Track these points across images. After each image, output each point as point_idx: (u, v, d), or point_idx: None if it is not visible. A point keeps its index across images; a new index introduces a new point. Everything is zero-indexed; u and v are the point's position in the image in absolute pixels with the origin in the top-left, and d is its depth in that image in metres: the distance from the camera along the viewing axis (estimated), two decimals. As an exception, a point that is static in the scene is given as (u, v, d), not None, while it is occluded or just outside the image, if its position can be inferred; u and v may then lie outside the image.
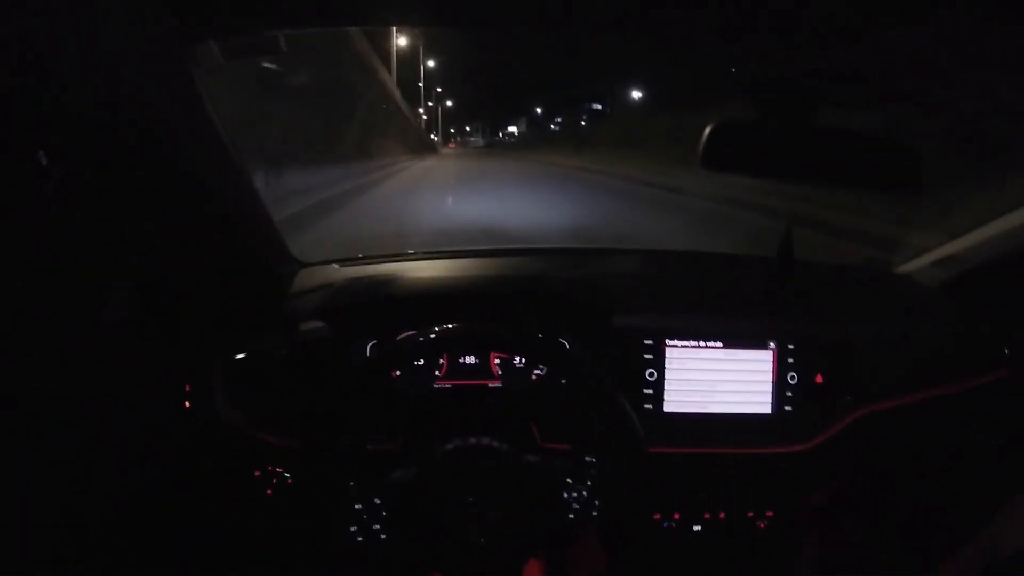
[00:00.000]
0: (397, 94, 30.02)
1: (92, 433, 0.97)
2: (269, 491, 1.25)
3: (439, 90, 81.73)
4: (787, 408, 1.29)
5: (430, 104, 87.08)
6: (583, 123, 57.92)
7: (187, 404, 1.21)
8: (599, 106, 60.77)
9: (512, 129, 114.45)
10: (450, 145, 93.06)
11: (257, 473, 1.25)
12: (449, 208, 10.47)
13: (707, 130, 0.92)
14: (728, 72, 1.03)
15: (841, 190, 1.04)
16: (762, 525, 1.32)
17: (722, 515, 1.30)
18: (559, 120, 78.64)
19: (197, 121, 0.94)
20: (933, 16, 0.66)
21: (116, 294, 1.08)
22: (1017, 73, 0.85)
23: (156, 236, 1.09)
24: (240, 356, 1.24)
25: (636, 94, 34.07)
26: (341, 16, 0.95)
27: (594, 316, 1.31)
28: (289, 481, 1.24)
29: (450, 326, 1.04)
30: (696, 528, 1.31)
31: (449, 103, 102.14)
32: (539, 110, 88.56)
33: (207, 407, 1.21)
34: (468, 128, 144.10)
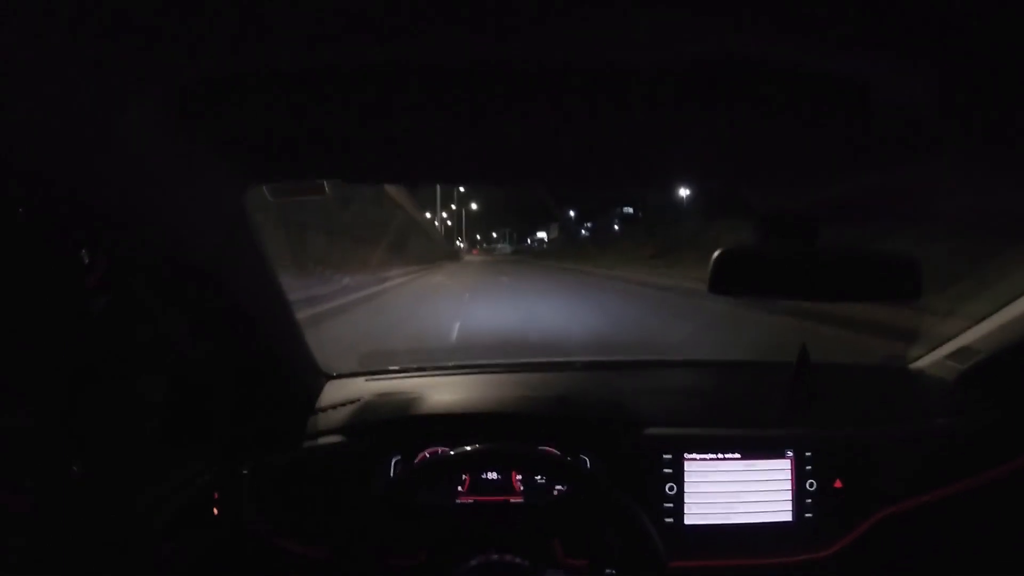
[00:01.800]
0: (410, 206, 30.96)
1: (119, 536, 1.02)
2: None
3: (461, 190, 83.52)
4: (807, 515, 1.34)
5: (453, 207, 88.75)
6: (616, 227, 58.90)
7: (215, 511, 1.29)
8: (631, 210, 62.07)
9: (541, 235, 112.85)
10: (473, 252, 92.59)
11: None
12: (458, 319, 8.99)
13: (713, 257, 0.99)
14: (735, 198, 1.15)
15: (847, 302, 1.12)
16: None
17: None
18: (589, 225, 79.58)
19: (246, 249, 1.07)
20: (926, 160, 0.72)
21: (152, 395, 1.18)
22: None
23: (194, 344, 1.19)
24: (268, 466, 1.33)
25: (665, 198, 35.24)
26: (375, 175, 1.10)
27: (614, 432, 1.40)
28: None
29: (471, 447, 1.14)
30: None
31: (475, 206, 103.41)
32: (572, 214, 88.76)
33: (234, 514, 1.29)
34: (495, 234, 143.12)
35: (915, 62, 0.53)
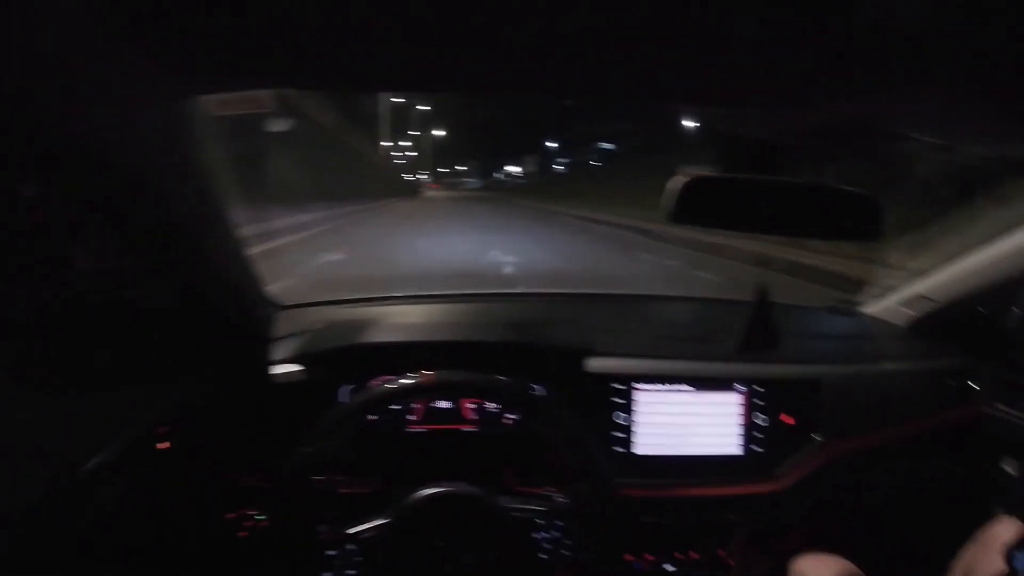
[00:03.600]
0: (345, 130, 26.51)
1: (65, 472, 1.02)
2: (243, 533, 1.35)
3: (422, 108, 76.44)
4: (757, 449, 1.44)
5: (415, 134, 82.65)
6: (593, 163, 58.29)
7: (162, 446, 1.29)
8: (610, 145, 61.56)
9: (513, 169, 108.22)
10: (431, 187, 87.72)
11: (231, 515, 1.35)
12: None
13: (674, 185, 1.00)
14: (701, 127, 1.17)
15: (808, 239, 1.15)
16: (733, 564, 1.43)
17: (694, 554, 1.42)
18: (564, 161, 78.17)
19: (185, 166, 1.04)
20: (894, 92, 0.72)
21: (96, 331, 1.17)
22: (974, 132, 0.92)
23: (135, 276, 1.20)
24: (215, 398, 1.35)
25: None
26: (327, 81, 1.02)
27: (565, 361, 1.45)
28: (263, 524, 1.35)
29: (424, 373, 1.19)
30: (668, 568, 1.42)
31: (439, 133, 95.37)
32: (554, 144, 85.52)
33: (181, 448, 1.30)
34: (462, 167, 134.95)
35: None
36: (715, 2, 0.58)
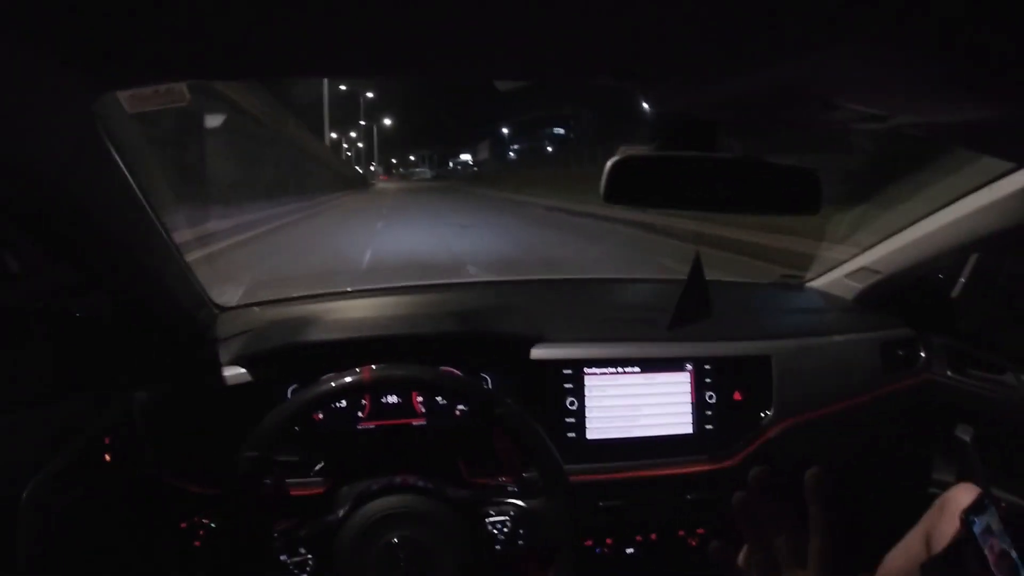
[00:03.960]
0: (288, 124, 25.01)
1: (8, 486, 1.00)
2: (198, 543, 1.33)
3: (368, 96, 74.04)
4: (708, 427, 1.47)
5: (363, 124, 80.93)
6: (549, 149, 58.31)
7: (107, 457, 1.27)
8: (562, 131, 61.75)
9: (465, 157, 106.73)
10: (381, 178, 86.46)
11: (184, 524, 1.33)
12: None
13: (608, 164, 0.99)
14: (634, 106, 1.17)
15: (745, 216, 1.16)
16: (693, 543, 1.47)
17: (653, 536, 1.45)
18: (516, 147, 77.90)
19: (103, 170, 1.01)
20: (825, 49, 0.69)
21: (34, 341, 1.15)
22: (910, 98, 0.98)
23: (71, 285, 1.17)
24: (159, 405, 1.33)
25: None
26: (248, 69, 0.97)
27: (513, 349, 1.46)
28: (216, 531, 1.33)
29: (369, 368, 1.18)
30: (629, 551, 1.45)
31: (388, 121, 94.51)
32: (505, 131, 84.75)
33: (127, 459, 1.28)
34: (413, 157, 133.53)
35: None
36: None
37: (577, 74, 1.04)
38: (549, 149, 57.31)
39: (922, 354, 1.58)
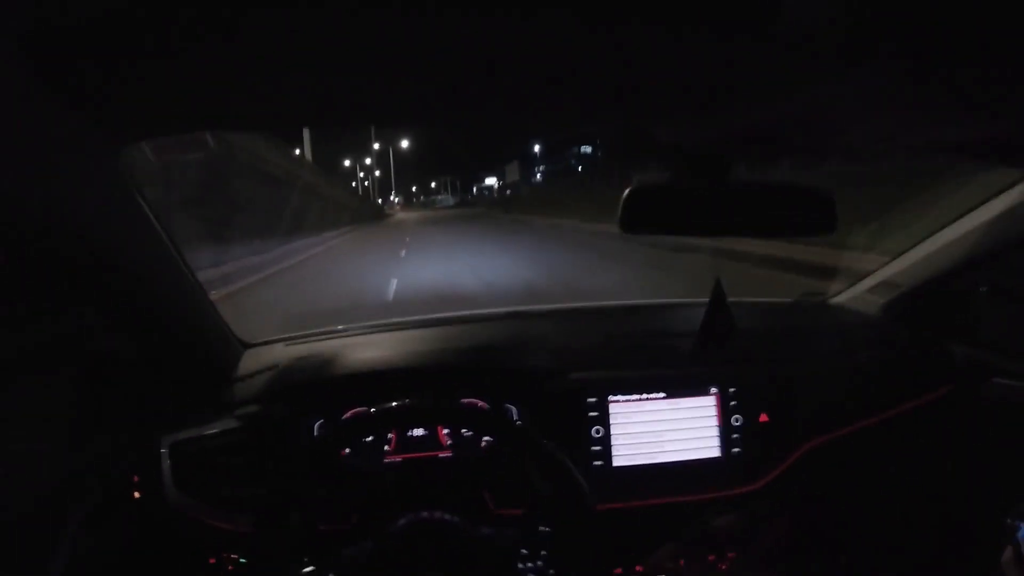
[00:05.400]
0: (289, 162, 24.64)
1: (42, 527, 1.05)
2: None
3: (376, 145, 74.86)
4: (735, 450, 1.48)
5: (376, 147, 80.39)
6: (580, 170, 58.03)
7: (136, 494, 1.33)
8: (588, 149, 61.80)
9: (491, 182, 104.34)
10: (396, 208, 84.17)
11: (212, 560, 1.37)
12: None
13: (624, 195, 1.04)
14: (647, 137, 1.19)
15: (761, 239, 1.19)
16: (724, 567, 1.47)
17: (682, 562, 1.46)
18: (543, 168, 77.36)
19: (129, 215, 1.06)
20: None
21: (62, 385, 1.20)
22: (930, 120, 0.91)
23: (98, 327, 1.21)
24: (187, 443, 1.38)
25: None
26: (268, 120, 1.05)
27: (538, 380, 1.50)
28: (244, 567, 1.37)
29: (395, 403, 1.22)
30: None
31: (405, 144, 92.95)
32: (534, 151, 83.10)
33: (156, 496, 1.34)
34: (434, 184, 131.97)
35: None
36: (636, 19, 0.60)
37: (589, 120, 1.09)
38: (579, 168, 57.01)
39: (948, 366, 1.58)
